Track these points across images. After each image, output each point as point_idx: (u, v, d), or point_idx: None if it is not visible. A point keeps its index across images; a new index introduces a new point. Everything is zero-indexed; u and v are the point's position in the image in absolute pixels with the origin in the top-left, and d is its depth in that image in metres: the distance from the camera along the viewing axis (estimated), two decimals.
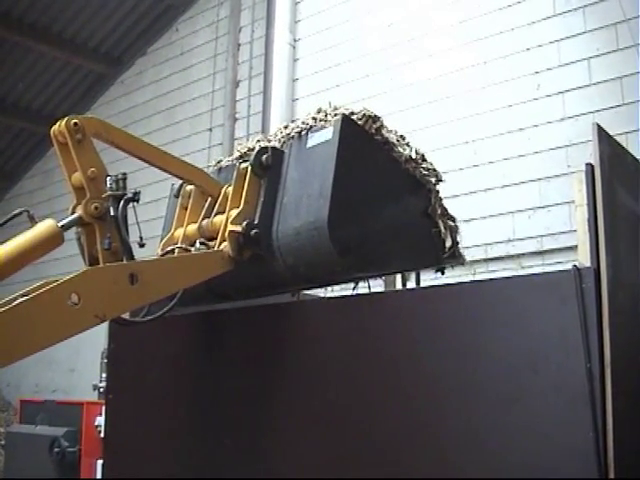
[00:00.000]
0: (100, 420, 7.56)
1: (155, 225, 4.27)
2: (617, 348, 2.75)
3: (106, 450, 4.54)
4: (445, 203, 3.86)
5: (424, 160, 3.80)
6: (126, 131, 3.57)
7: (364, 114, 3.56)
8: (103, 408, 4.75)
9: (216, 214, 3.64)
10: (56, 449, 7.69)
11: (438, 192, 3.83)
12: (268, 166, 3.55)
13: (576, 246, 3.05)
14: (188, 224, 3.76)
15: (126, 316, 3.53)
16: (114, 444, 4.35)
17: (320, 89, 9.74)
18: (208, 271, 3.42)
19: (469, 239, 8.13)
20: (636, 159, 3.50)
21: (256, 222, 3.45)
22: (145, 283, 3.08)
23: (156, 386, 4.13)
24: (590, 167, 2.93)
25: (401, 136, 3.77)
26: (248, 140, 4.24)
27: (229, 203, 3.58)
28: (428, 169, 3.81)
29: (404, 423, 3.15)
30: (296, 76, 10.14)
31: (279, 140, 3.71)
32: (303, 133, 3.58)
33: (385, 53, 9.25)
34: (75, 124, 3.28)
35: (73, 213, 3.32)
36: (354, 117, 3.52)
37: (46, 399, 9.32)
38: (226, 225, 3.50)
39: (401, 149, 3.69)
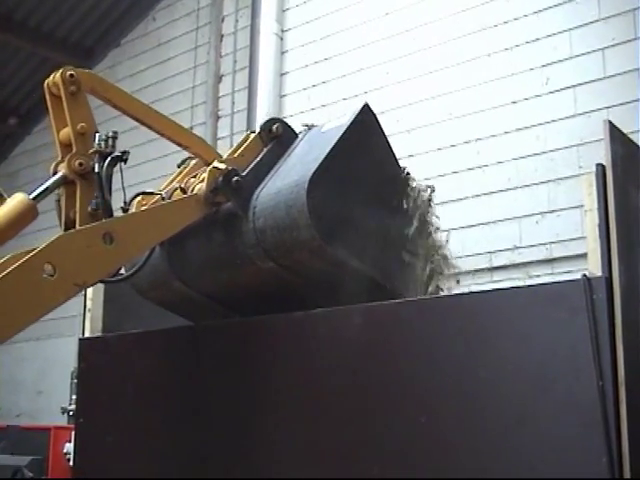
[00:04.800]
0: (69, 447, 7.54)
1: None
2: (632, 365, 2.77)
3: None
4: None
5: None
6: (124, 90, 3.74)
7: None
8: (72, 433, 4.73)
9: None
10: None
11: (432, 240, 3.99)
12: (276, 136, 3.83)
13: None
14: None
15: None
16: (85, 474, 4.34)
17: (310, 84, 9.77)
18: (183, 218, 3.53)
19: (472, 246, 8.21)
20: None
21: (243, 174, 3.62)
22: (121, 241, 3.17)
23: (131, 408, 4.12)
24: (601, 168, 2.95)
25: None
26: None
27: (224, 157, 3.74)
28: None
29: (401, 445, 3.16)
30: (284, 70, 10.15)
31: None
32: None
33: (381, 45, 9.27)
34: (71, 75, 3.41)
35: (55, 173, 3.39)
36: None
37: (9, 424, 9.28)
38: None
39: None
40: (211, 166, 3.60)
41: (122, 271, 3.62)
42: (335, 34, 9.78)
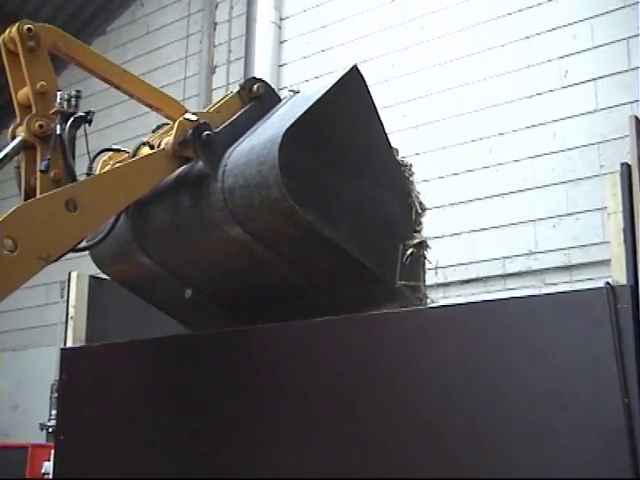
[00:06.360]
0: (48, 466, 7.52)
1: None
2: None
3: None
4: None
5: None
6: (89, 47, 3.69)
7: None
8: (52, 452, 4.72)
9: None
10: None
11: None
12: (257, 97, 3.92)
13: (609, 260, 3.05)
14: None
15: None
16: None
17: (309, 76, 9.77)
18: (150, 176, 3.50)
19: (484, 251, 8.19)
20: None
21: (215, 131, 3.61)
22: (86, 207, 3.12)
23: (116, 424, 4.11)
24: (626, 167, 2.94)
25: None
26: None
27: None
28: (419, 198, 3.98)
29: (414, 462, 3.15)
30: (282, 61, 10.17)
31: None
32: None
33: (385, 35, 9.29)
34: (29, 30, 3.34)
35: (13, 138, 3.33)
36: None
37: None
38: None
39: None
40: (181, 117, 3.57)
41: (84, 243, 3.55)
42: (337, 22, 9.80)
